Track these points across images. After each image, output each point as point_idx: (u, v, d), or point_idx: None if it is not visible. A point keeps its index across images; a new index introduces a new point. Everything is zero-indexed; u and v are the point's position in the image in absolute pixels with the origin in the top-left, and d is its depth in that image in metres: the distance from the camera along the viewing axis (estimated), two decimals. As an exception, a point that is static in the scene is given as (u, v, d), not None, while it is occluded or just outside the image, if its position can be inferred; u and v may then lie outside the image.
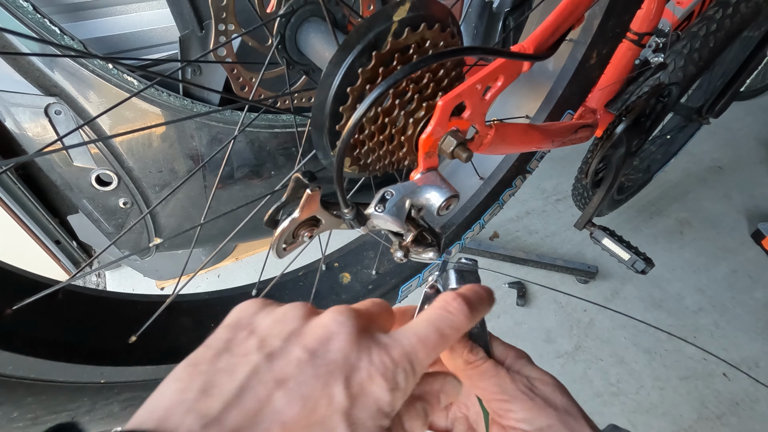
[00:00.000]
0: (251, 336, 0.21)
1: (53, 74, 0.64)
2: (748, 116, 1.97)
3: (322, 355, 0.20)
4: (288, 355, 0.20)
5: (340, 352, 0.21)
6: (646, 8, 0.72)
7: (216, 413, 0.18)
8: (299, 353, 0.20)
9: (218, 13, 0.49)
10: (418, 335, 0.22)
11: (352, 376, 0.20)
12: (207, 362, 0.20)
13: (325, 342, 0.21)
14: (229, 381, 0.19)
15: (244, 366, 0.20)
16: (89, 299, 0.48)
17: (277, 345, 0.21)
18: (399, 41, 0.36)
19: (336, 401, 0.19)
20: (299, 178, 0.33)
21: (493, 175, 0.76)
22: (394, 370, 0.21)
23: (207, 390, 0.19)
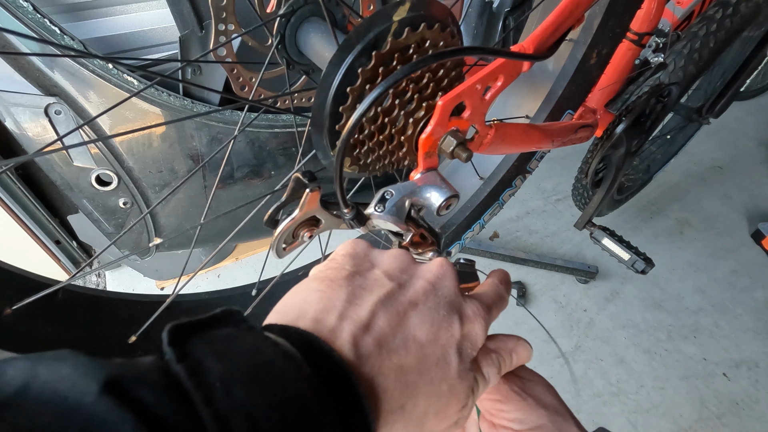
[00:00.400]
0: (375, 267, 0.25)
1: (53, 74, 0.64)
2: (748, 116, 1.97)
3: (440, 289, 0.24)
4: (414, 285, 0.24)
5: (452, 289, 0.25)
6: (646, 8, 0.72)
7: (366, 320, 0.21)
8: (424, 284, 0.24)
9: (218, 13, 0.49)
10: (491, 298, 0.27)
11: (463, 313, 0.24)
12: (343, 279, 0.23)
13: (440, 279, 0.25)
14: (369, 296, 0.22)
15: (379, 288, 0.23)
16: (89, 299, 0.48)
17: (404, 277, 0.24)
18: (399, 41, 0.36)
19: (454, 329, 0.23)
20: (299, 178, 0.33)
21: (493, 175, 0.76)
22: (485, 316, 0.25)
23: (352, 300, 0.22)
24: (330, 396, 0.17)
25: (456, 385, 0.22)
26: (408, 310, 0.22)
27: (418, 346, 0.21)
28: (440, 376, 0.22)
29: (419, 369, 0.21)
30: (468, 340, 0.24)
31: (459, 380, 0.22)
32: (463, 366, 0.23)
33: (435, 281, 0.25)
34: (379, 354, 0.20)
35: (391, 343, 0.21)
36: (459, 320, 0.24)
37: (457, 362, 0.23)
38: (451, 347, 0.23)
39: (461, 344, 0.23)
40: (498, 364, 0.26)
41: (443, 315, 0.23)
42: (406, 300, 0.23)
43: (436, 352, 0.22)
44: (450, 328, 0.23)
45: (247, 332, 0.18)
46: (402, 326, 0.22)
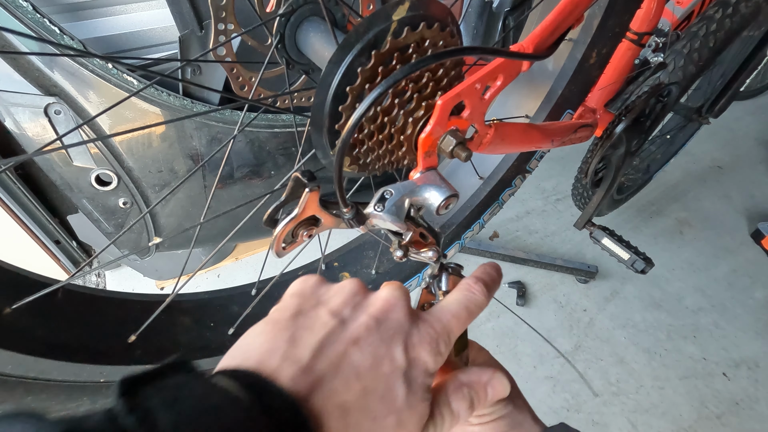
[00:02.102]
0: (320, 305, 0.25)
1: (53, 74, 0.64)
2: (748, 116, 1.97)
3: (385, 323, 0.24)
4: (357, 321, 0.24)
5: (399, 321, 0.24)
6: (645, 8, 0.72)
7: (307, 361, 0.21)
8: (367, 319, 0.24)
9: (218, 12, 0.49)
10: (451, 312, 0.27)
11: (408, 342, 0.24)
12: (286, 320, 0.23)
13: (387, 312, 0.25)
14: (310, 336, 0.22)
15: (321, 327, 0.23)
16: (88, 299, 0.48)
17: (347, 313, 0.24)
18: (398, 41, 0.35)
19: (397, 360, 0.23)
20: (298, 178, 0.33)
21: (492, 174, 0.76)
22: (437, 340, 0.24)
23: (294, 342, 0.22)
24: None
25: (405, 417, 0.22)
26: (349, 348, 0.22)
27: (360, 384, 0.21)
28: (385, 410, 0.21)
29: (362, 406, 0.21)
30: (416, 367, 0.23)
31: (408, 411, 0.22)
32: (414, 396, 0.22)
33: (379, 314, 0.24)
34: (321, 394, 0.20)
35: (333, 382, 0.20)
36: (404, 350, 0.23)
37: (404, 393, 0.22)
38: (396, 379, 0.22)
39: (409, 373, 0.23)
40: (470, 399, 0.26)
41: (386, 348, 0.23)
42: (347, 337, 0.23)
43: (380, 387, 0.22)
44: (393, 361, 0.22)
45: (196, 380, 0.18)
46: (343, 365, 0.21)
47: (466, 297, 0.28)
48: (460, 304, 0.27)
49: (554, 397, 1.09)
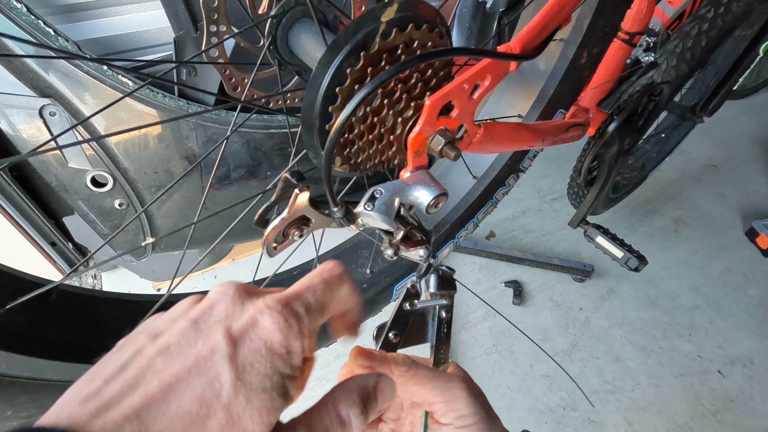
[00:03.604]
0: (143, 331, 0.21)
1: (48, 76, 0.64)
2: (742, 115, 1.98)
3: (205, 320, 0.20)
4: (172, 330, 0.20)
5: (222, 312, 0.21)
6: (636, 8, 0.72)
7: (96, 390, 0.18)
8: (183, 324, 0.20)
9: (209, 14, 0.49)
10: (300, 282, 0.23)
11: (233, 325, 0.20)
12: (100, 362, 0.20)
13: (207, 310, 0.21)
14: (112, 365, 0.19)
15: (128, 351, 0.20)
16: (83, 299, 0.48)
17: (164, 327, 0.21)
18: (387, 42, 0.36)
19: (217, 348, 0.19)
20: (288, 178, 0.34)
21: (486, 173, 0.76)
22: (280, 311, 0.20)
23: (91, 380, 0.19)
24: None
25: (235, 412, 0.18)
26: (154, 360, 0.19)
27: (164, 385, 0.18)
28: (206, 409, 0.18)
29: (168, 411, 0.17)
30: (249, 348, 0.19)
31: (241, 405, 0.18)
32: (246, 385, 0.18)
33: (199, 315, 0.21)
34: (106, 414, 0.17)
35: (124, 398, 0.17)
36: (226, 333, 0.19)
37: (231, 381, 0.18)
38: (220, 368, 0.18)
39: (237, 359, 0.19)
40: (359, 403, 0.23)
41: (202, 341, 0.19)
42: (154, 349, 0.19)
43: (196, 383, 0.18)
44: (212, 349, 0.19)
45: None
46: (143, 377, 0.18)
47: (321, 267, 0.25)
48: (313, 274, 0.24)
49: (550, 396, 1.10)
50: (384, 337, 0.34)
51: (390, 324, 0.35)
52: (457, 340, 1.20)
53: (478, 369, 1.14)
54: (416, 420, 0.33)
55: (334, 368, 1.14)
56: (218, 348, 0.19)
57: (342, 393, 0.23)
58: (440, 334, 0.35)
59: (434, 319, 0.37)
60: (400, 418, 0.34)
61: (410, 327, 0.36)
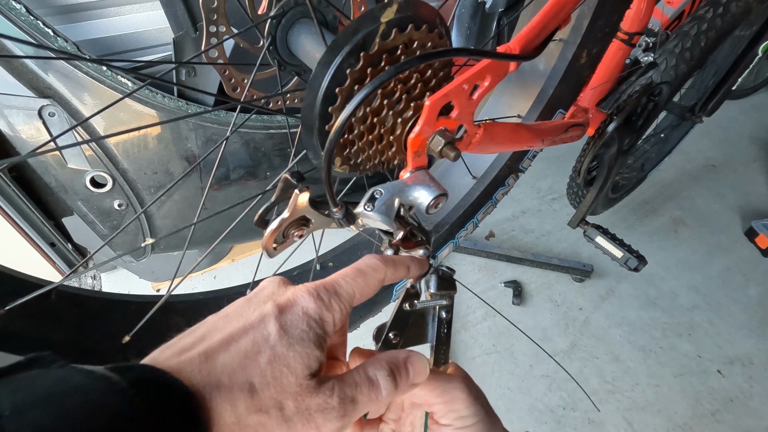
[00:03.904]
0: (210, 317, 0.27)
1: (47, 76, 0.64)
2: (741, 115, 1.99)
3: (256, 297, 0.27)
4: (230, 307, 0.26)
5: (269, 292, 0.27)
6: (635, 8, 0.73)
7: (172, 343, 0.24)
8: (239, 302, 0.27)
9: (209, 14, 0.49)
10: (338, 273, 0.28)
11: (280, 298, 0.26)
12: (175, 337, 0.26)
13: (258, 291, 0.27)
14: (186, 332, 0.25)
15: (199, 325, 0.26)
16: (83, 299, 0.48)
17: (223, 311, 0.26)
18: (387, 42, 0.36)
19: (267, 313, 0.24)
20: (288, 179, 0.34)
21: (485, 174, 0.76)
22: (315, 288, 0.26)
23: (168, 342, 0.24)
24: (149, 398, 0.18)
25: (280, 353, 0.23)
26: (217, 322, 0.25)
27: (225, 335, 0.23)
28: (256, 348, 0.23)
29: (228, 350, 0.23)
30: (290, 312, 0.25)
31: (285, 348, 0.23)
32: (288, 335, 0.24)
33: (252, 295, 0.27)
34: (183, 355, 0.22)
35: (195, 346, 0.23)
36: (273, 303, 0.25)
37: (276, 331, 0.23)
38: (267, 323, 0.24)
39: (281, 318, 0.24)
40: (388, 369, 0.26)
41: (254, 308, 0.25)
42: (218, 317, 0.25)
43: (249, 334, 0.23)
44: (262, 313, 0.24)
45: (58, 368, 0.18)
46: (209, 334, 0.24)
47: (360, 260, 0.29)
48: (351, 266, 0.29)
49: (550, 396, 1.10)
50: (384, 337, 0.34)
51: (390, 324, 0.35)
52: (457, 340, 1.20)
53: (478, 369, 1.14)
54: (416, 420, 0.33)
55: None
56: (268, 313, 0.24)
57: (372, 359, 0.27)
58: (440, 334, 0.35)
59: (434, 319, 0.37)
60: (400, 419, 0.34)
61: (410, 327, 0.36)
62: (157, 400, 0.18)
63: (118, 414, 0.17)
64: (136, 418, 0.17)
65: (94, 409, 0.16)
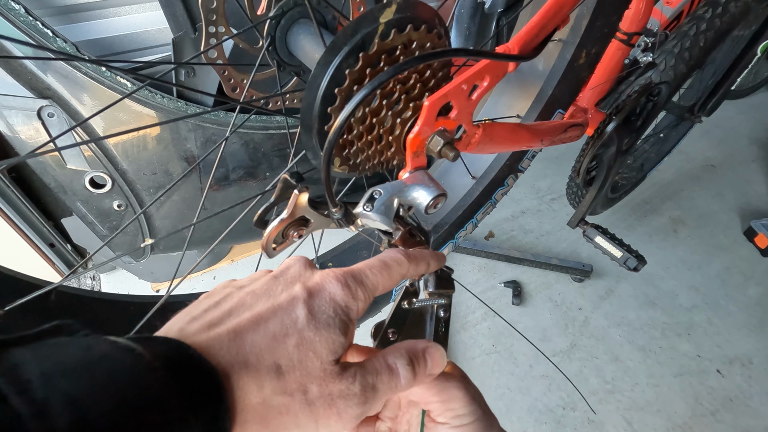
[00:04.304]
0: (225, 287, 0.28)
1: (46, 77, 0.64)
2: (740, 115, 1.99)
3: (284, 276, 0.27)
4: (257, 282, 0.27)
5: (297, 272, 0.27)
6: (634, 8, 0.73)
7: (198, 315, 0.24)
8: (266, 278, 0.27)
9: (208, 15, 0.49)
10: (364, 262, 0.28)
11: (308, 280, 0.26)
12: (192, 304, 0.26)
13: (285, 270, 0.27)
14: (206, 303, 0.25)
15: (222, 296, 0.26)
16: (82, 300, 0.48)
17: (245, 283, 0.27)
18: (386, 43, 0.36)
19: (296, 295, 0.25)
20: (287, 179, 0.34)
21: (485, 174, 0.76)
22: (343, 275, 0.26)
23: (191, 311, 0.25)
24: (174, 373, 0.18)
25: (307, 336, 0.23)
26: (245, 297, 0.25)
27: (254, 314, 0.24)
28: (284, 330, 0.23)
29: (257, 329, 0.23)
30: (318, 297, 0.25)
31: (312, 332, 0.23)
32: (316, 320, 0.24)
33: (277, 273, 0.27)
34: (212, 330, 0.23)
35: (224, 321, 0.23)
36: (302, 285, 0.25)
37: (304, 315, 0.24)
38: (296, 306, 0.24)
39: (310, 302, 0.24)
40: (407, 357, 0.27)
41: (282, 288, 0.26)
42: (244, 292, 0.26)
43: (278, 314, 0.24)
44: (291, 294, 0.25)
45: (84, 337, 0.18)
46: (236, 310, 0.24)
47: (383, 253, 0.30)
48: (376, 258, 0.29)
49: (550, 396, 1.10)
50: (381, 335, 0.34)
51: (388, 322, 0.35)
52: (457, 340, 1.20)
53: (478, 369, 1.14)
54: (413, 418, 0.33)
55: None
56: (297, 295, 0.25)
57: (391, 348, 0.27)
58: (438, 333, 0.36)
59: (432, 318, 0.37)
60: (397, 417, 0.34)
61: (408, 325, 0.36)
62: (183, 377, 0.19)
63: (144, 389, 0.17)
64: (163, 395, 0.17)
65: (122, 381, 0.16)
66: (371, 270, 0.28)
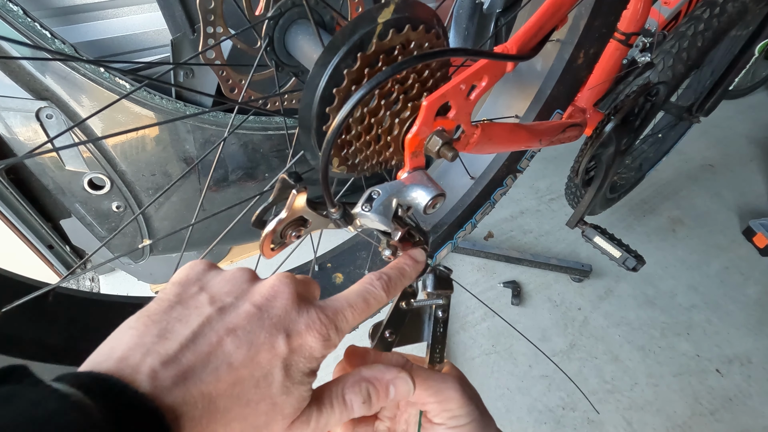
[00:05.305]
0: (202, 292, 0.24)
1: (44, 78, 0.64)
2: (738, 115, 1.99)
3: (268, 310, 0.24)
4: (238, 309, 0.23)
5: (283, 308, 0.24)
6: (632, 8, 0.73)
7: (173, 353, 0.20)
8: (248, 307, 0.24)
9: (206, 15, 0.49)
10: (347, 301, 0.27)
11: (292, 329, 0.24)
12: (161, 312, 0.23)
13: (270, 299, 0.24)
14: (183, 328, 0.22)
15: (197, 316, 0.22)
16: (80, 301, 0.48)
17: (228, 301, 0.24)
18: (384, 43, 0.36)
19: (277, 348, 0.23)
20: (285, 179, 0.34)
21: (483, 174, 0.76)
22: (326, 326, 0.24)
23: (163, 335, 0.21)
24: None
25: (279, 401, 0.22)
26: (224, 337, 0.22)
27: (233, 373, 0.21)
28: (259, 396, 0.22)
29: (232, 394, 0.21)
30: (298, 354, 0.23)
31: (284, 396, 0.22)
32: (290, 381, 0.23)
33: (263, 303, 0.24)
34: (184, 385, 0.20)
35: (199, 373, 0.20)
36: (285, 337, 0.23)
37: (281, 379, 0.22)
38: (274, 366, 0.22)
39: (289, 360, 0.23)
40: (366, 393, 0.26)
41: (265, 336, 0.23)
42: (223, 326, 0.22)
43: (255, 374, 0.22)
44: (273, 348, 0.22)
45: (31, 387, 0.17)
46: (214, 354, 0.21)
47: (365, 289, 0.28)
48: (358, 295, 0.28)
49: (549, 396, 1.10)
50: (380, 335, 0.34)
51: (386, 322, 0.35)
52: (456, 340, 1.20)
53: (477, 369, 1.14)
54: (411, 418, 0.33)
55: (332, 368, 1.14)
56: (278, 353, 0.23)
57: (354, 379, 0.27)
58: (436, 333, 0.36)
59: (430, 318, 0.37)
60: (395, 416, 0.34)
61: (406, 326, 0.36)
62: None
63: None
64: None
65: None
66: (353, 312, 0.26)
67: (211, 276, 0.26)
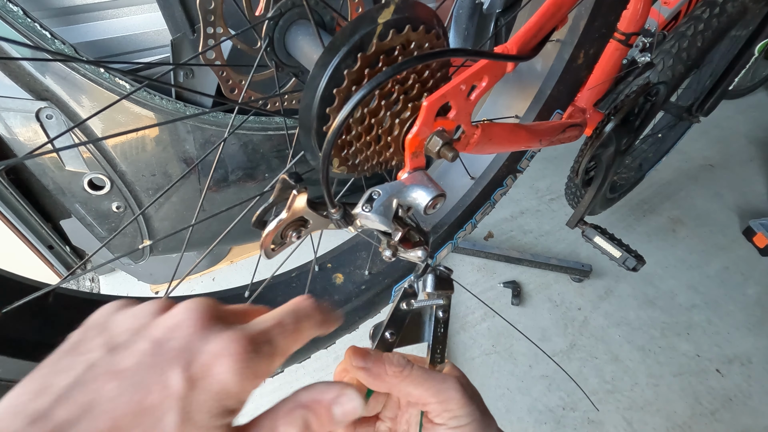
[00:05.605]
0: (100, 334, 0.21)
1: (44, 79, 0.64)
2: (738, 114, 1.99)
3: (165, 344, 0.20)
4: (131, 348, 0.20)
5: (184, 339, 0.20)
6: (632, 8, 0.73)
7: (44, 410, 0.18)
8: (143, 345, 0.20)
9: (206, 16, 0.49)
10: (274, 319, 0.23)
11: (194, 361, 0.20)
12: (48, 365, 0.20)
13: (171, 330, 0.21)
14: (64, 379, 0.19)
15: (82, 363, 0.20)
16: (80, 302, 0.48)
17: (123, 339, 0.21)
18: (384, 43, 0.36)
19: (171, 386, 0.19)
20: (286, 179, 0.34)
21: (483, 174, 0.76)
22: (243, 352, 0.20)
23: (41, 391, 0.19)
24: None
25: None
26: (106, 384, 0.19)
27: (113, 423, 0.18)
28: None
29: None
30: (202, 391, 0.19)
31: None
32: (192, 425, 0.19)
33: (161, 336, 0.20)
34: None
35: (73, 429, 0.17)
36: (183, 371, 0.19)
37: (176, 423, 0.18)
38: (168, 409, 0.18)
39: (188, 400, 0.19)
40: (302, 423, 0.22)
41: (157, 375, 0.19)
42: (108, 370, 0.19)
43: (143, 422, 0.18)
44: (165, 388, 0.19)
45: None
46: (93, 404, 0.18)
47: (295, 304, 0.25)
48: (287, 312, 0.24)
49: (550, 396, 1.10)
50: (380, 336, 0.34)
51: (387, 323, 0.35)
52: (456, 340, 1.20)
53: (477, 370, 1.14)
54: (412, 419, 0.33)
55: (333, 370, 1.14)
56: (172, 393, 0.19)
57: (287, 407, 0.22)
58: (437, 333, 0.36)
59: (431, 318, 0.37)
60: (396, 416, 0.34)
61: (407, 326, 0.36)
62: None
63: None
64: None
65: None
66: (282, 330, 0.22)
67: (119, 314, 0.23)
